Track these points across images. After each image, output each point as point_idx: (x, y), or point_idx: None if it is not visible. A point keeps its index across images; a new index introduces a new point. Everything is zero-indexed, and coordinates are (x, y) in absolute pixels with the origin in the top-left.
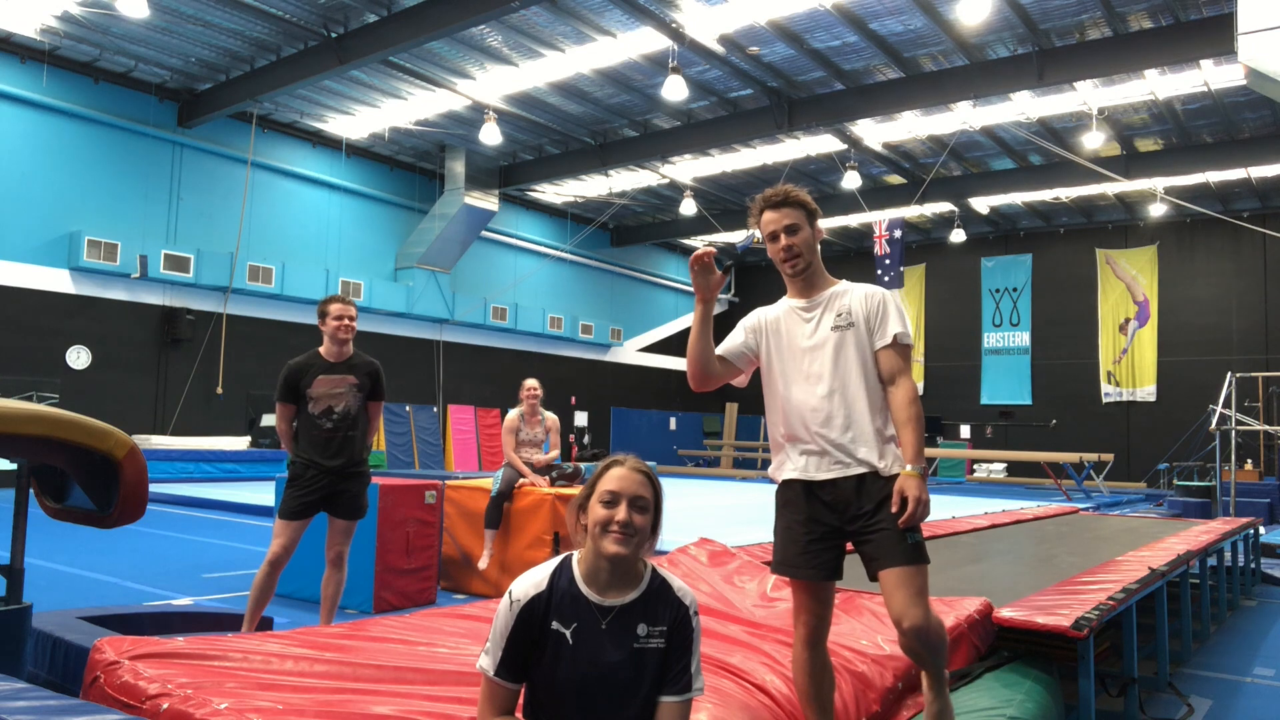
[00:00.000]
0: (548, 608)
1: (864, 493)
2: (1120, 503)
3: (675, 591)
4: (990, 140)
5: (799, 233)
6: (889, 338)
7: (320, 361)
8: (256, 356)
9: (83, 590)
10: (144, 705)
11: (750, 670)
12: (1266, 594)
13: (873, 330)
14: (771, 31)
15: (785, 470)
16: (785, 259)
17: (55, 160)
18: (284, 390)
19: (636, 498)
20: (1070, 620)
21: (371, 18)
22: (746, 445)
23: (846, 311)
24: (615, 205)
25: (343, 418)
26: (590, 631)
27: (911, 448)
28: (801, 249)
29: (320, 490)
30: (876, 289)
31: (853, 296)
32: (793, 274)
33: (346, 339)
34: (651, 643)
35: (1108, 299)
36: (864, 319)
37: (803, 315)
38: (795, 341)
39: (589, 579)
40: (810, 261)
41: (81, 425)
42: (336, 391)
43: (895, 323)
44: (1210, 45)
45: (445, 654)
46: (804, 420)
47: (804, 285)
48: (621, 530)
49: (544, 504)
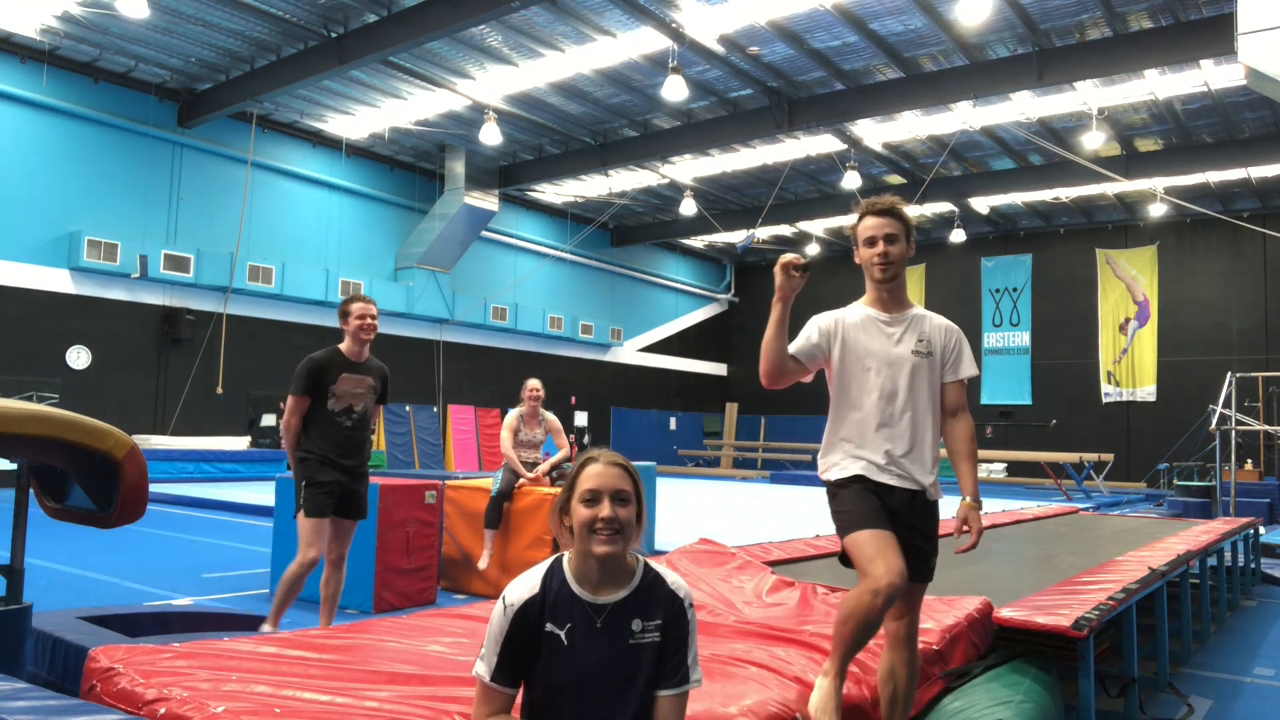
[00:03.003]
0: (542, 610)
1: (914, 508)
2: (1120, 503)
3: (669, 585)
4: (990, 140)
5: (896, 244)
6: (960, 375)
7: (343, 359)
8: (257, 356)
9: (83, 590)
10: (141, 711)
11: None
12: (1266, 594)
13: (946, 363)
14: (771, 31)
15: (846, 469)
16: (879, 264)
17: (55, 160)
18: (308, 383)
19: (617, 492)
20: (1070, 620)
21: (371, 18)
22: (746, 445)
23: (928, 340)
24: (615, 205)
25: (361, 417)
26: (586, 631)
27: (972, 481)
28: (896, 259)
29: (339, 488)
30: (954, 325)
31: (933, 326)
32: (882, 280)
33: (369, 339)
34: (646, 638)
35: (1108, 299)
36: (940, 351)
37: (884, 329)
38: (875, 353)
39: (580, 579)
40: (899, 274)
41: (82, 425)
42: (358, 391)
43: (969, 365)
44: (1210, 45)
45: (445, 655)
46: (872, 431)
47: (887, 298)
48: (607, 527)
49: (544, 504)
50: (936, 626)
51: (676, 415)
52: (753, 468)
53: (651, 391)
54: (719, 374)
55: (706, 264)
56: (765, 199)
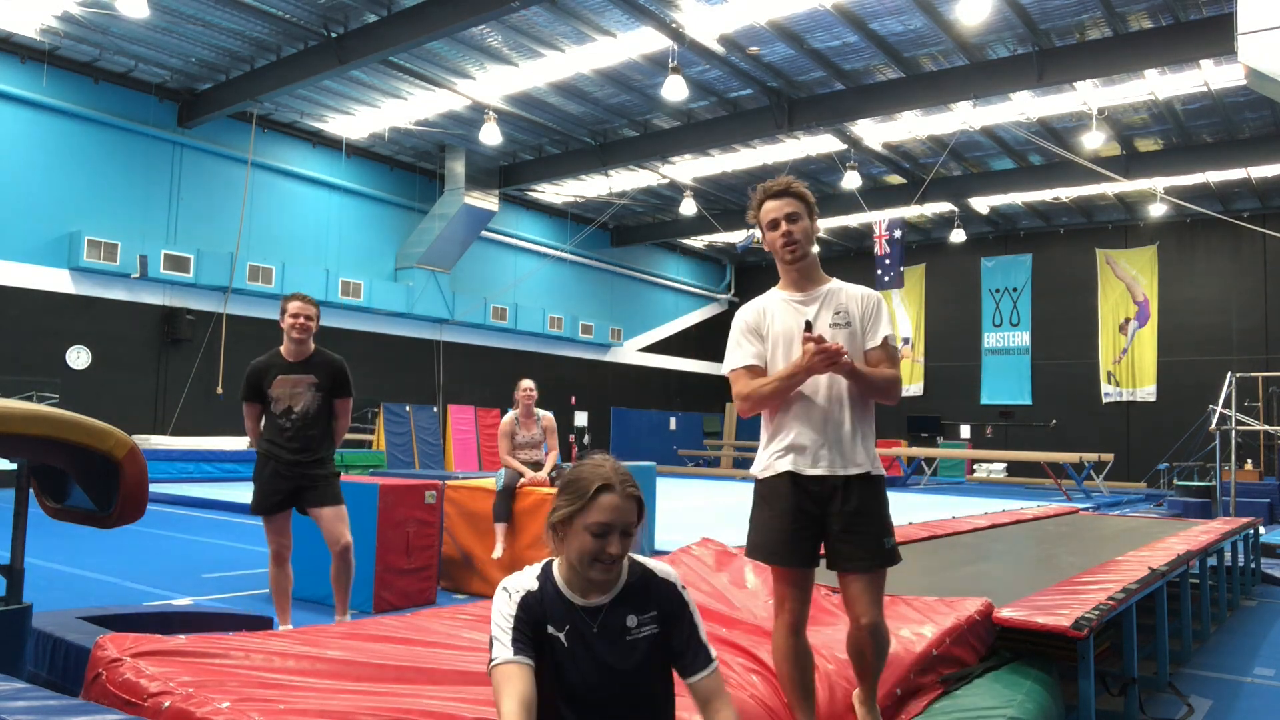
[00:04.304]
0: (542, 607)
1: (850, 490)
2: (1120, 503)
3: (657, 574)
4: (990, 140)
5: (799, 221)
6: (879, 339)
7: (280, 361)
8: (256, 356)
9: (83, 590)
10: (145, 703)
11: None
12: (1267, 594)
13: (866, 331)
14: (771, 31)
15: (776, 466)
16: (784, 244)
17: (55, 160)
18: (247, 390)
19: (628, 526)
20: (1070, 620)
21: (371, 18)
22: (746, 445)
23: (844, 310)
24: (615, 205)
25: (301, 417)
26: (583, 635)
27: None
28: (800, 237)
29: (284, 483)
30: (871, 291)
31: (849, 295)
32: (790, 261)
33: (302, 338)
34: (644, 631)
35: (1108, 299)
36: (859, 319)
37: (798, 308)
38: (789, 333)
39: (570, 585)
40: (807, 252)
41: (81, 425)
42: (295, 391)
43: (885, 325)
44: (1210, 45)
45: (446, 654)
46: (801, 416)
47: (799, 277)
48: (611, 562)
49: (544, 504)
50: (937, 628)
51: (676, 415)
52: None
53: (651, 391)
54: (719, 374)
55: (706, 264)
56: None
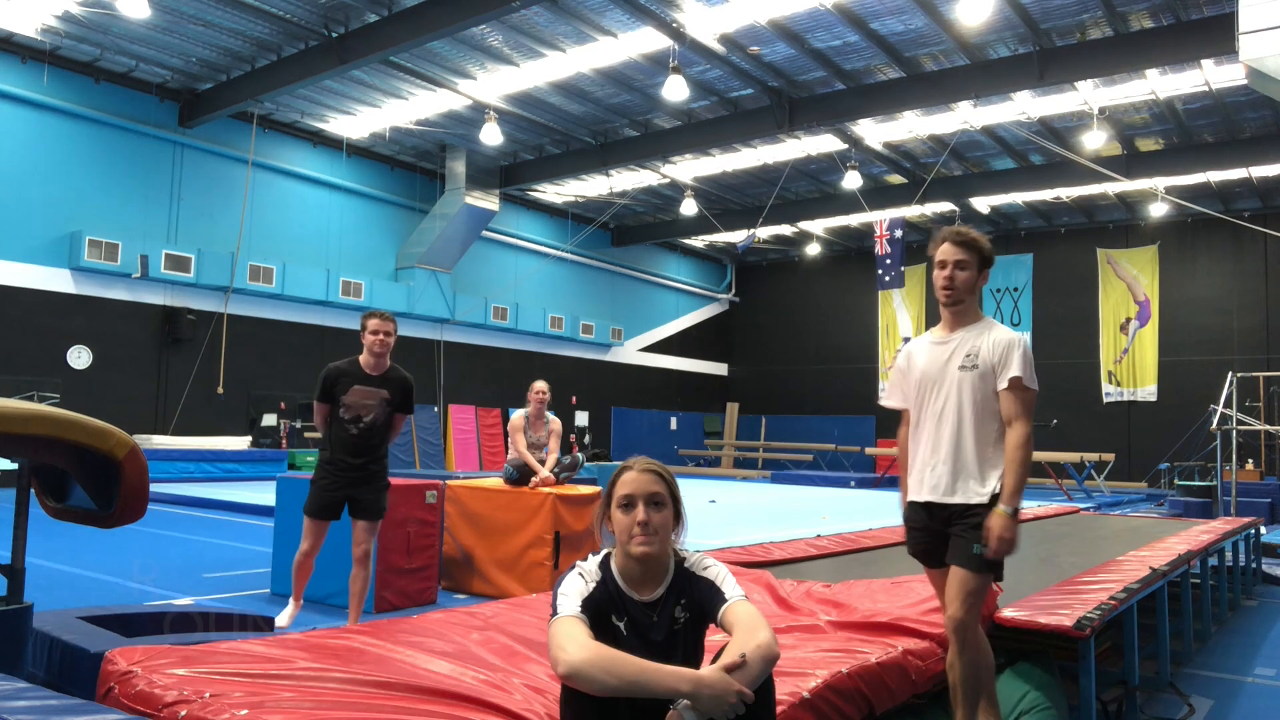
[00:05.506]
0: (607, 597)
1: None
2: (1121, 502)
3: (688, 564)
4: (991, 140)
5: (965, 271)
6: (1006, 381)
7: (358, 371)
8: (257, 356)
9: (83, 590)
10: (161, 713)
11: None
12: (1267, 594)
13: (996, 373)
14: (772, 31)
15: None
16: (942, 286)
17: (56, 160)
18: (320, 391)
19: (651, 495)
20: (1072, 620)
21: (372, 17)
22: (747, 445)
23: (975, 353)
24: (616, 205)
25: (369, 428)
26: (642, 627)
27: (1008, 489)
28: (959, 286)
29: (343, 487)
30: (1012, 335)
31: (984, 339)
32: (945, 303)
33: (382, 354)
34: (684, 617)
35: (1108, 299)
36: (990, 363)
37: (937, 348)
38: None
39: (626, 578)
40: (963, 299)
41: (82, 425)
42: (367, 403)
43: (1016, 367)
44: (1211, 45)
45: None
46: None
47: (951, 318)
48: (643, 530)
49: (544, 504)
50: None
51: (677, 415)
52: (753, 467)
53: (652, 391)
54: (720, 374)
55: (707, 264)
56: (766, 199)
